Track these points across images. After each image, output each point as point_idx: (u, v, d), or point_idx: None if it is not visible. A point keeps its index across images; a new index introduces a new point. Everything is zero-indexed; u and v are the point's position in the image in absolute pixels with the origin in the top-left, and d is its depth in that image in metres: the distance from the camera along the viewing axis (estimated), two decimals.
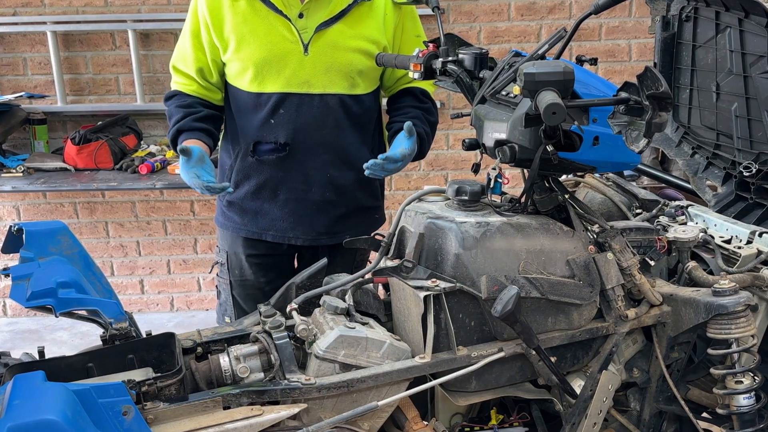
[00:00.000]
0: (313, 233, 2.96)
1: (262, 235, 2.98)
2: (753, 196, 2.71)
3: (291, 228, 2.95)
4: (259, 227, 2.97)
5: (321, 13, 2.80)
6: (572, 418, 2.25)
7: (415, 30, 3.00)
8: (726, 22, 2.76)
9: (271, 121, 2.84)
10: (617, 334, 2.24)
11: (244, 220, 2.98)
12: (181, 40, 2.93)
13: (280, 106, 2.82)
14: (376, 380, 2.01)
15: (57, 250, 2.25)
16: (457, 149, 5.39)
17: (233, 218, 3.01)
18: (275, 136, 2.85)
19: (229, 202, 3.00)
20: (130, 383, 1.81)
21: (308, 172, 2.89)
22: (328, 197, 2.92)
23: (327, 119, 2.85)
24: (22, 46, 5.18)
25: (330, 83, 2.83)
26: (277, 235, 2.96)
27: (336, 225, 2.97)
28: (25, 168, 4.83)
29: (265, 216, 2.95)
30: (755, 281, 2.32)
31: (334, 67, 2.82)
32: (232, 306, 3.08)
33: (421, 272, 2.13)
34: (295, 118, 2.83)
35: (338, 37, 2.81)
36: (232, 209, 3.00)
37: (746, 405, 2.19)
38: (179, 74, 2.95)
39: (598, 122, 2.06)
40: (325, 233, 2.97)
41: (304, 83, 2.81)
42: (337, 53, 2.82)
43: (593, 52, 5.05)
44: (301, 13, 2.79)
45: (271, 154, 2.87)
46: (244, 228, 2.99)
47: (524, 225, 2.15)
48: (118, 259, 5.56)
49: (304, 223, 2.94)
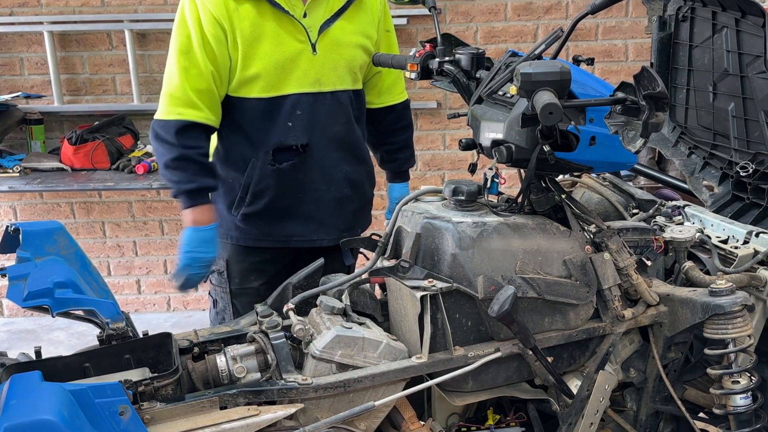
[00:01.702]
0: (335, 232, 2.95)
1: (286, 243, 2.93)
2: (750, 196, 2.72)
3: (315, 230, 2.93)
4: (283, 235, 2.92)
5: (322, 11, 2.80)
6: (569, 418, 2.25)
7: (387, 25, 3.02)
8: (723, 22, 2.76)
9: (289, 124, 2.80)
10: (614, 334, 2.24)
11: (266, 230, 2.91)
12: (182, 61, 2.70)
13: (296, 108, 2.79)
14: (373, 380, 2.01)
15: (54, 250, 2.24)
16: (453, 149, 5.39)
17: (251, 231, 2.91)
18: (296, 139, 2.81)
19: (246, 215, 2.88)
20: (127, 383, 1.81)
21: (326, 171, 2.88)
22: (345, 193, 2.94)
23: (339, 116, 2.87)
24: (18, 46, 5.17)
25: (339, 80, 2.85)
26: (301, 240, 2.93)
27: (353, 220, 3.01)
28: (22, 168, 4.82)
29: (288, 222, 2.90)
30: (752, 281, 2.32)
31: (341, 64, 2.84)
32: (231, 314, 3.01)
33: (417, 272, 2.13)
34: (311, 117, 2.82)
35: (340, 34, 2.83)
36: (250, 222, 2.90)
37: (743, 405, 2.19)
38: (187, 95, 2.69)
39: (594, 122, 2.05)
40: (345, 230, 2.97)
41: (316, 82, 2.81)
42: (342, 50, 2.84)
43: (590, 52, 5.06)
44: (305, 13, 2.78)
45: (291, 158, 2.83)
46: (266, 238, 2.92)
47: (521, 225, 2.16)
48: (114, 259, 5.55)
49: (327, 222, 2.94)
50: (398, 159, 3.19)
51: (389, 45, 3.04)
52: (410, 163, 3.24)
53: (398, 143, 3.18)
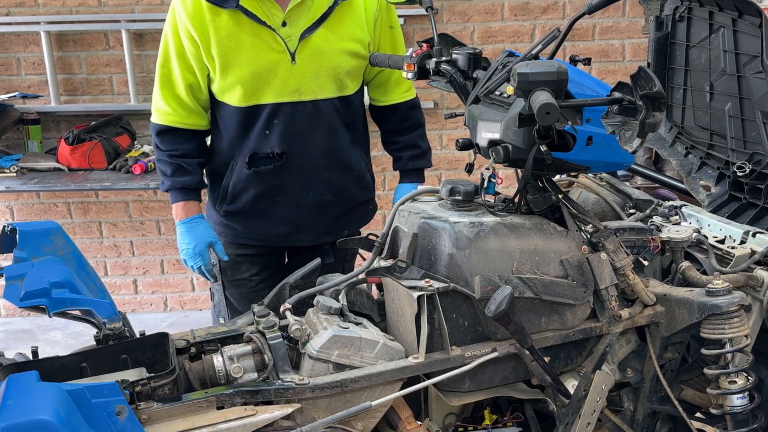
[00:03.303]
0: (314, 234, 2.99)
1: (265, 242, 3.00)
2: (746, 196, 2.72)
3: (292, 233, 2.97)
4: (262, 234, 2.99)
5: (303, 20, 2.78)
6: (566, 418, 2.25)
7: (390, 21, 2.98)
8: (720, 22, 2.76)
9: (266, 132, 2.83)
10: (611, 334, 2.24)
11: (245, 228, 2.99)
12: (162, 69, 2.86)
13: (274, 117, 2.81)
14: (370, 380, 2.01)
15: (50, 250, 2.24)
16: (450, 149, 5.39)
17: (233, 227, 3.02)
18: (271, 147, 2.84)
19: (227, 212, 2.99)
20: (124, 383, 1.81)
21: (306, 177, 2.89)
22: (326, 199, 2.94)
23: (320, 125, 2.86)
24: (15, 46, 5.16)
25: (320, 89, 2.83)
26: (279, 239, 2.99)
27: (335, 224, 3.00)
28: (19, 168, 4.82)
29: (266, 222, 2.96)
30: (749, 281, 2.32)
31: (323, 72, 2.82)
32: (225, 307, 3.10)
33: (414, 272, 2.13)
34: (289, 126, 2.83)
35: (323, 42, 2.80)
36: (231, 219, 3.00)
37: (740, 405, 2.19)
38: (166, 102, 2.88)
39: (591, 122, 2.05)
40: (325, 232, 3.00)
41: (295, 92, 2.81)
42: (324, 58, 2.81)
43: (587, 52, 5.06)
44: (284, 22, 2.77)
45: (268, 164, 2.87)
46: (245, 236, 3.01)
47: (518, 225, 2.16)
48: (111, 259, 5.55)
49: (305, 225, 2.96)
50: (403, 157, 3.17)
51: (393, 41, 2.99)
52: (418, 163, 3.17)
53: (403, 142, 3.16)
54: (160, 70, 2.87)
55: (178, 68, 2.82)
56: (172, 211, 3.00)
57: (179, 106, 2.87)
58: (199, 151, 2.97)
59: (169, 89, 2.86)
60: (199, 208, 2.98)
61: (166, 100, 2.87)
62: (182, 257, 2.96)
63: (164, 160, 2.92)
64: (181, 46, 2.79)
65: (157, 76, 2.89)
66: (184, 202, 2.94)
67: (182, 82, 2.83)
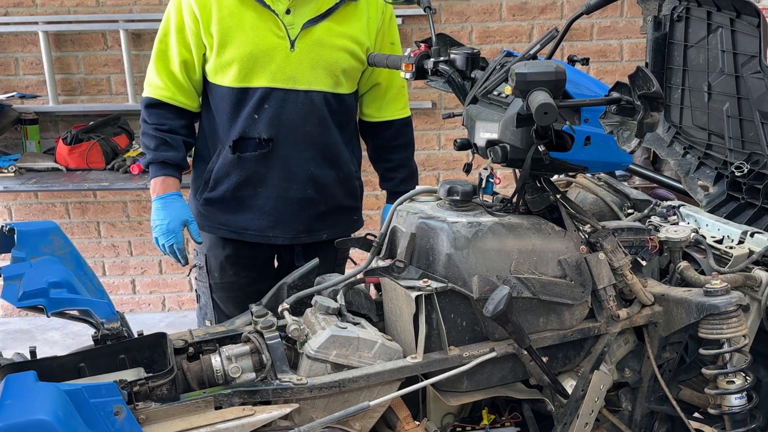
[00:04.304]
0: (292, 232, 2.96)
1: (241, 236, 2.98)
2: (744, 196, 2.72)
3: (270, 227, 2.95)
4: (238, 227, 2.96)
5: (308, 10, 2.80)
6: (564, 418, 2.25)
7: (392, 37, 3.01)
8: (718, 22, 2.76)
9: (255, 117, 2.83)
10: (609, 334, 2.24)
11: (222, 219, 2.98)
12: (160, 43, 2.91)
13: (264, 101, 2.82)
14: (368, 380, 2.01)
15: (49, 250, 2.24)
16: (448, 149, 5.39)
17: (210, 218, 3.00)
18: (258, 132, 2.84)
19: (207, 200, 2.98)
20: (122, 383, 1.81)
21: (290, 169, 2.89)
22: (308, 194, 2.93)
23: (311, 116, 2.86)
24: (13, 46, 5.16)
25: (315, 80, 2.84)
26: (256, 235, 2.96)
27: (315, 223, 2.98)
28: (17, 168, 4.82)
29: (244, 214, 2.94)
30: (747, 281, 2.32)
31: (320, 65, 2.83)
32: (212, 309, 3.08)
33: (412, 272, 2.13)
34: (279, 113, 2.83)
35: (325, 35, 2.82)
36: (210, 207, 2.99)
37: (738, 405, 2.19)
38: (159, 77, 2.91)
39: (589, 122, 2.06)
40: (303, 231, 2.98)
41: (290, 79, 2.81)
42: (323, 51, 2.83)
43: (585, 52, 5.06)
44: (289, 9, 2.79)
45: (253, 151, 2.87)
46: (222, 228, 2.99)
47: (516, 225, 2.16)
48: (109, 259, 5.55)
49: (284, 221, 2.94)
50: (395, 178, 3.15)
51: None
52: (409, 185, 3.09)
53: (395, 161, 3.15)
54: (158, 44, 2.91)
55: (176, 44, 2.86)
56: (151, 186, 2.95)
57: (171, 82, 2.90)
58: (186, 130, 2.98)
59: (163, 64, 2.90)
60: (178, 186, 2.94)
61: (159, 75, 2.90)
62: (154, 235, 2.90)
63: (149, 134, 2.92)
64: (182, 22, 2.84)
65: (154, 50, 2.92)
66: (164, 177, 2.91)
67: (177, 58, 2.86)
